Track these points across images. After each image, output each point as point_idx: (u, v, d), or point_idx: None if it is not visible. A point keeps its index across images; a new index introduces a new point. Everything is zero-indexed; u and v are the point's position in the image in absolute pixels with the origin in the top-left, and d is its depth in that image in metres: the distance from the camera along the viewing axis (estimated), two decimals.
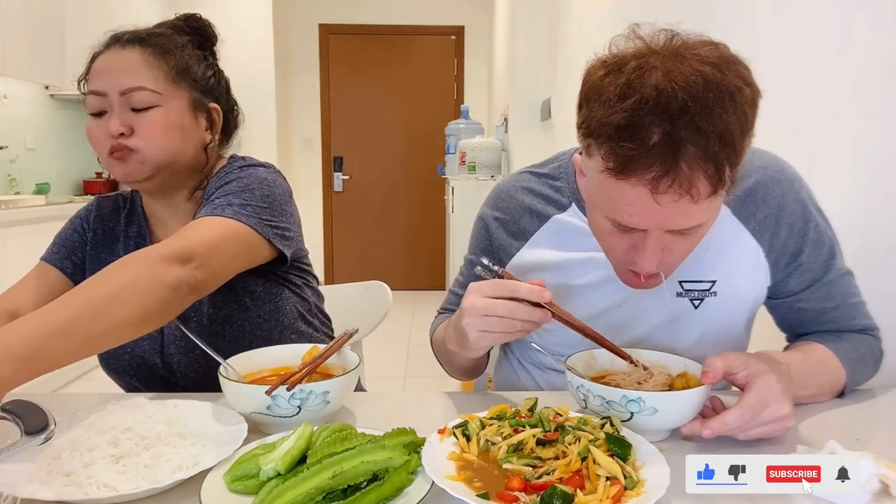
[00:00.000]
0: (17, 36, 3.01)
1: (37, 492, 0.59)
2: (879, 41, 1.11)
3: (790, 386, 0.74)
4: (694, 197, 0.68)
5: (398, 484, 0.61)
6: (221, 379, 0.77)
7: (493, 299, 0.76)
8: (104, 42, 1.01)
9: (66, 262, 1.08)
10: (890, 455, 0.65)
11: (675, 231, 0.75)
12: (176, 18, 1.07)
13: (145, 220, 1.10)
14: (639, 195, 0.70)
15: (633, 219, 0.74)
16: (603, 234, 0.82)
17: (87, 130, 0.98)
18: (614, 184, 0.71)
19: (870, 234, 1.11)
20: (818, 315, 0.94)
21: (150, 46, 0.99)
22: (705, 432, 0.70)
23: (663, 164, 0.66)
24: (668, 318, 0.93)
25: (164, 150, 0.98)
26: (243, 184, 0.98)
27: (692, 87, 0.66)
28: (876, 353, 0.94)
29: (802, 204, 0.91)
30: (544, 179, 1.01)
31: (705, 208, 0.71)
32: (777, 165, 0.92)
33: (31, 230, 2.89)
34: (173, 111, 0.99)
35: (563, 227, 0.97)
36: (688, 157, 0.66)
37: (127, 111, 0.96)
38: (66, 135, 4.08)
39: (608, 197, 0.75)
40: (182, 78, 1.01)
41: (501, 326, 0.77)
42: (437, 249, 5.58)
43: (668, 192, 0.68)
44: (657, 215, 0.72)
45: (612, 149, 0.69)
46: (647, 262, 0.77)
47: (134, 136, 0.96)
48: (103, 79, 0.96)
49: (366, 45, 5.59)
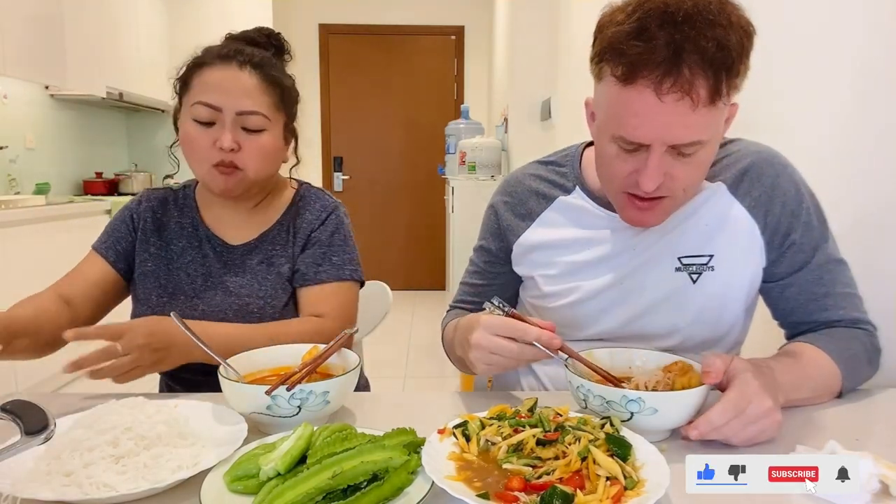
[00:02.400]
0: (17, 36, 3.01)
1: (37, 492, 0.59)
2: (871, 36, 1.11)
3: (772, 383, 0.75)
4: (694, 101, 0.75)
5: (398, 484, 0.61)
6: (221, 379, 0.77)
7: (502, 339, 0.78)
8: (214, 54, 1.06)
9: (111, 251, 1.15)
10: (890, 455, 0.65)
11: (676, 149, 0.80)
12: (258, 33, 1.15)
13: (198, 212, 1.18)
14: (644, 101, 0.77)
15: (637, 131, 0.80)
16: (609, 161, 0.87)
17: (190, 136, 1.04)
18: (621, 94, 0.79)
19: (865, 232, 1.11)
20: (809, 301, 0.95)
21: (265, 73, 1.07)
22: (692, 433, 0.70)
23: (667, 66, 0.74)
24: (668, 293, 0.96)
25: (264, 172, 1.09)
26: (342, 235, 1.17)
27: (698, 3, 0.74)
28: (870, 350, 0.93)
29: (795, 186, 0.95)
30: (551, 167, 1.07)
31: (704, 121, 0.78)
32: (771, 151, 0.98)
33: (31, 230, 2.89)
34: (276, 137, 1.09)
35: (568, 208, 1.02)
36: (689, 62, 0.74)
37: (238, 129, 1.04)
38: (66, 135, 4.09)
39: (616, 113, 0.82)
40: (283, 105, 1.10)
41: (507, 364, 0.81)
42: (437, 249, 5.57)
43: (671, 93, 0.75)
44: (660, 124, 0.78)
45: (621, 53, 0.77)
46: (649, 179, 0.82)
47: (241, 154, 1.04)
48: (221, 95, 1.03)
49: (366, 45, 5.59)
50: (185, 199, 1.20)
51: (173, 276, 1.13)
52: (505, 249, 1.07)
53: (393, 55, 5.60)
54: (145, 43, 4.40)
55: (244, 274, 1.12)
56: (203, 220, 1.17)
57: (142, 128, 4.86)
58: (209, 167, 1.04)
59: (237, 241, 1.15)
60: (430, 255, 5.70)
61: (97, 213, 3.45)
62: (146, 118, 4.81)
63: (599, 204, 1.00)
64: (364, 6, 5.53)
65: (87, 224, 3.34)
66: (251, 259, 1.14)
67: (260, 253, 1.14)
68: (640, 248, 0.97)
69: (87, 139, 4.33)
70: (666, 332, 0.97)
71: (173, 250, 1.15)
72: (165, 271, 1.13)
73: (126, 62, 4.15)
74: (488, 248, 1.09)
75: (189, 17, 4.81)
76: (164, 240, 1.16)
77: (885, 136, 1.09)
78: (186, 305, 1.11)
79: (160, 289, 1.12)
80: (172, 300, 1.11)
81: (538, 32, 3.77)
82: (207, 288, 1.12)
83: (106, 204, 3.54)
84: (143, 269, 1.14)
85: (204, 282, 1.13)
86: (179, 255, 1.15)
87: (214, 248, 1.15)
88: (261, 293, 1.11)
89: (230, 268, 1.13)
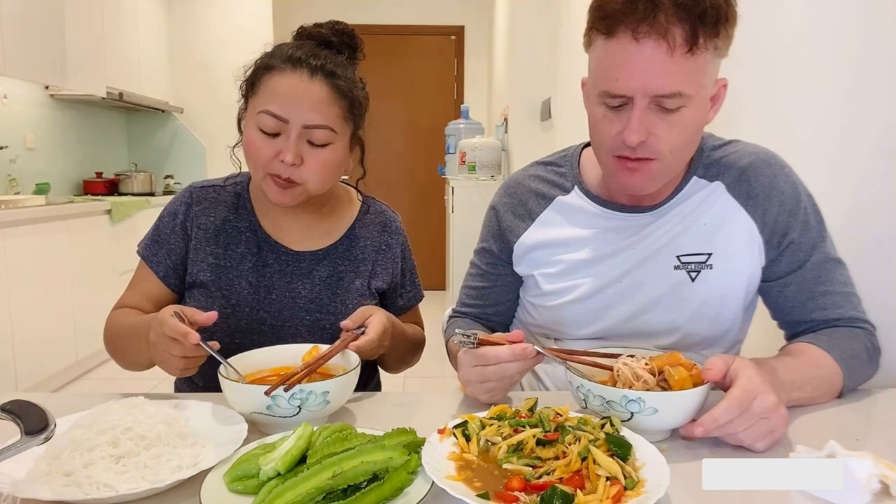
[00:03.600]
0: (17, 36, 3.01)
1: (37, 492, 0.59)
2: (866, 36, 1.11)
3: (775, 381, 0.75)
4: (670, 45, 0.79)
5: (398, 484, 0.61)
6: (221, 379, 0.77)
7: (483, 368, 0.81)
8: (284, 57, 0.99)
9: (161, 266, 1.09)
10: (890, 455, 0.65)
11: (658, 103, 0.83)
12: (332, 31, 1.07)
13: (254, 215, 1.11)
14: (623, 50, 0.81)
15: (619, 82, 0.83)
16: (597, 124, 0.90)
17: (254, 144, 0.99)
18: (605, 49, 0.84)
19: (860, 230, 1.11)
20: (807, 300, 0.95)
21: (336, 82, 1.00)
22: (697, 430, 0.70)
23: (643, 13, 0.79)
24: (667, 291, 0.97)
25: (325, 185, 1.03)
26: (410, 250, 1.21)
27: None
28: (870, 349, 0.94)
29: (793, 185, 0.96)
30: (550, 167, 1.08)
31: (682, 70, 0.81)
32: (769, 152, 0.99)
33: (31, 230, 2.89)
34: (341, 149, 1.03)
35: (567, 208, 1.03)
36: (665, 8, 0.78)
37: (303, 142, 0.98)
38: (66, 135, 4.09)
39: (601, 69, 0.85)
40: (352, 116, 1.03)
41: (503, 385, 0.83)
42: (437, 249, 5.57)
43: (648, 38, 0.79)
44: (639, 71, 0.81)
45: (603, 11, 0.82)
46: (633, 132, 0.84)
47: (303, 169, 0.98)
48: (289, 106, 0.96)
49: (366, 44, 5.56)
50: (238, 200, 1.12)
51: (234, 286, 1.06)
52: (506, 251, 1.07)
53: (393, 55, 5.60)
54: (145, 43, 4.41)
55: (312, 287, 1.08)
56: (261, 225, 1.10)
57: (142, 128, 4.86)
58: (266, 175, 0.99)
59: (300, 247, 1.10)
60: (430, 256, 5.69)
61: (97, 213, 3.45)
62: (146, 118, 4.82)
63: (598, 203, 1.00)
64: (364, 6, 5.53)
65: (87, 224, 3.35)
66: (319, 271, 1.09)
67: (328, 266, 1.10)
68: (639, 247, 0.97)
69: (87, 139, 4.33)
70: (665, 329, 0.98)
71: (231, 256, 1.08)
72: (226, 280, 1.07)
73: (126, 62, 4.16)
74: (490, 250, 1.10)
75: (189, 17, 4.82)
76: (220, 246, 1.08)
77: (882, 133, 1.09)
78: (252, 319, 1.05)
79: (222, 299, 1.05)
80: (236, 312, 1.05)
81: (538, 32, 3.77)
82: (272, 301, 1.07)
83: (106, 204, 3.54)
84: (201, 279, 1.07)
85: (268, 293, 1.07)
86: (239, 262, 1.08)
87: (278, 255, 1.09)
88: (331, 308, 1.07)
89: (296, 278, 1.08)
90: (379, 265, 1.14)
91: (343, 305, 1.08)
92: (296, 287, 1.08)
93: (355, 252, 1.12)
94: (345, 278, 1.10)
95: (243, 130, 1.03)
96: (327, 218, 1.14)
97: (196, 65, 4.82)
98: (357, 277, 1.11)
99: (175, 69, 4.83)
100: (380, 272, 1.13)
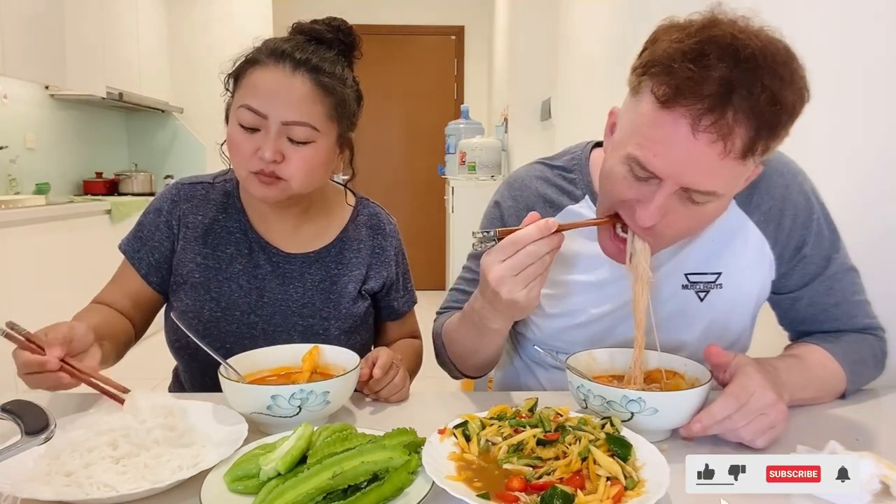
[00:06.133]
0: (17, 36, 3.01)
1: (37, 492, 0.59)
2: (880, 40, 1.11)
3: (775, 379, 0.75)
4: (727, 148, 0.68)
5: (398, 484, 0.61)
6: (221, 379, 0.77)
7: (514, 256, 0.74)
8: (269, 51, 0.96)
9: (143, 263, 1.07)
10: (891, 455, 0.65)
11: (687, 193, 0.74)
12: (326, 27, 1.03)
13: (244, 214, 1.08)
14: (676, 131, 0.70)
15: (657, 159, 0.72)
16: (614, 180, 0.79)
17: (233, 140, 0.97)
18: (655, 116, 0.71)
19: (869, 232, 1.11)
20: (819, 313, 0.94)
21: (319, 78, 0.96)
22: (695, 427, 0.70)
23: (712, 101, 0.67)
24: (674, 311, 0.93)
25: (309, 184, 1.00)
26: (404, 254, 1.20)
27: (768, 47, 0.68)
28: (878, 354, 0.93)
29: (806, 196, 0.92)
30: (558, 171, 1.01)
31: (728, 174, 0.72)
32: (782, 159, 0.93)
33: (31, 230, 2.89)
34: (325, 148, 0.99)
35: (576, 218, 0.96)
36: (737, 105, 0.67)
37: (283, 139, 0.95)
38: (66, 135, 4.08)
39: (641, 134, 0.74)
40: (338, 115, 0.99)
41: (536, 270, 0.74)
42: (437, 249, 5.57)
43: (707, 133, 0.68)
44: (683, 161, 0.71)
45: (670, 73, 0.69)
46: (649, 215, 0.75)
47: (284, 166, 0.95)
48: (268, 101, 0.93)
49: (366, 44, 5.52)
50: (228, 199, 1.09)
51: (224, 289, 1.04)
52: None
53: (393, 55, 5.60)
54: (145, 43, 4.40)
55: (304, 291, 1.06)
56: (252, 225, 1.08)
57: (142, 128, 4.86)
58: (249, 173, 0.96)
59: (291, 249, 1.08)
60: (430, 256, 5.69)
61: (97, 213, 3.45)
62: (146, 118, 4.81)
63: None
64: (364, 6, 5.52)
65: (87, 224, 3.34)
66: (311, 275, 1.08)
67: (321, 269, 1.08)
68: None
69: (87, 139, 4.33)
70: (672, 348, 0.93)
71: (220, 258, 1.06)
72: (216, 283, 1.04)
73: (126, 62, 4.15)
74: None
75: (189, 17, 4.81)
76: (209, 246, 1.06)
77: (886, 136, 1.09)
78: (244, 323, 1.04)
79: (212, 302, 1.03)
80: (227, 315, 1.04)
81: (538, 32, 3.77)
82: (264, 304, 1.05)
83: (106, 204, 3.54)
84: (192, 281, 1.04)
85: (259, 297, 1.05)
86: (228, 264, 1.05)
87: (269, 257, 1.06)
88: (324, 313, 1.06)
89: (288, 281, 1.06)
90: (373, 269, 1.12)
91: (336, 310, 1.07)
92: (288, 290, 1.06)
93: (348, 255, 1.11)
94: (338, 283, 1.08)
95: (228, 125, 1.01)
96: (317, 219, 1.11)
97: (196, 65, 4.81)
98: (350, 282, 1.09)
99: (175, 69, 4.83)
100: (373, 276, 1.12)
